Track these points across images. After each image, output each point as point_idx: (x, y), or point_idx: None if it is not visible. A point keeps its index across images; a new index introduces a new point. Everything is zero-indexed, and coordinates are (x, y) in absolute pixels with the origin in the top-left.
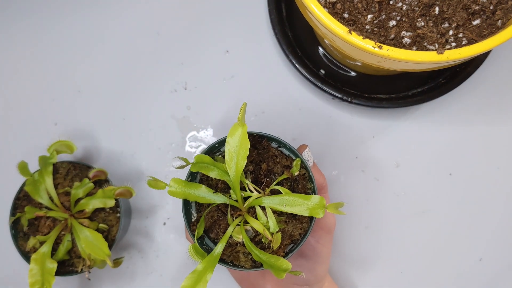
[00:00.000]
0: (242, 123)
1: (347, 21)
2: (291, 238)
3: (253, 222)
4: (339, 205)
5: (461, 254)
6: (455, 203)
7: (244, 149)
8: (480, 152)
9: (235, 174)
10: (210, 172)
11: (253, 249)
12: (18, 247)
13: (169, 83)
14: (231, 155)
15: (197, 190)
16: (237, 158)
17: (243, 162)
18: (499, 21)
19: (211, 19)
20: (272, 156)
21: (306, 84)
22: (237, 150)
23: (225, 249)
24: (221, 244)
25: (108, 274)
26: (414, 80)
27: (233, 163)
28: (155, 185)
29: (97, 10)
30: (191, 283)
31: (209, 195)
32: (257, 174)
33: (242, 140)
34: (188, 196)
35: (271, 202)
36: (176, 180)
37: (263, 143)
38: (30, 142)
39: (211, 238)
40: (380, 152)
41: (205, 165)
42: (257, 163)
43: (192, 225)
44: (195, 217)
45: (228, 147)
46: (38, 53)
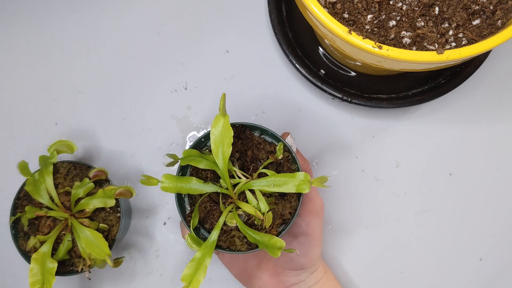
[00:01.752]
0: (223, 113)
1: (347, 21)
2: (282, 218)
3: (244, 206)
4: (323, 179)
5: (461, 254)
6: (455, 203)
7: (228, 137)
8: (480, 152)
9: (223, 162)
10: (199, 163)
11: (247, 231)
12: (19, 246)
13: (169, 83)
14: (216, 145)
15: (188, 183)
16: (223, 146)
17: (229, 149)
18: (499, 21)
19: (211, 19)
20: (256, 144)
21: (306, 84)
22: (222, 139)
23: (221, 236)
24: (215, 231)
25: (109, 274)
26: (414, 80)
27: (219, 151)
28: (147, 183)
29: (97, 10)
30: (191, 271)
31: (200, 186)
32: (243, 161)
33: (225, 129)
34: (181, 190)
35: (259, 184)
36: (167, 175)
37: (246, 133)
38: (31, 142)
39: (207, 228)
40: (380, 152)
41: (193, 157)
42: (243, 152)
43: (187, 217)
44: (189, 210)
45: (212, 137)
46: (38, 53)
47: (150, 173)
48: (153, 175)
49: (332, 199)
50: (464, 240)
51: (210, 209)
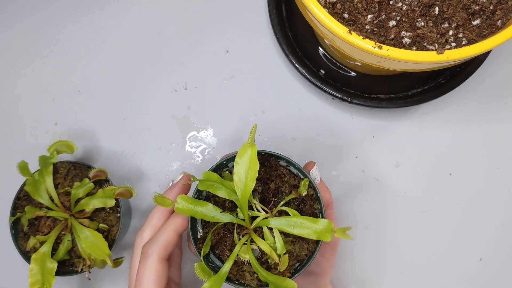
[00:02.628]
0: (252, 144)
1: (347, 21)
2: (297, 258)
3: (260, 243)
4: (346, 229)
5: (461, 254)
6: (455, 203)
7: (253, 170)
8: (480, 152)
9: (243, 195)
10: (218, 191)
11: (259, 270)
12: (18, 247)
13: (169, 83)
14: (239, 176)
15: (204, 208)
16: (246, 179)
17: (252, 184)
18: (499, 21)
19: (211, 19)
20: (280, 174)
21: (306, 84)
22: (246, 171)
23: (232, 268)
24: (228, 263)
25: (108, 274)
26: (414, 80)
27: (241, 184)
28: (161, 202)
29: (97, 10)
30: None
31: (216, 214)
32: (265, 193)
33: (251, 162)
34: (195, 214)
35: (279, 223)
36: (183, 197)
37: (271, 161)
38: (30, 142)
39: (216, 254)
40: (380, 152)
41: (212, 183)
42: (265, 181)
43: (199, 243)
44: (201, 233)
45: (237, 167)
46: (38, 53)
47: (150, 173)
48: (153, 175)
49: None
50: (464, 240)
51: (223, 236)
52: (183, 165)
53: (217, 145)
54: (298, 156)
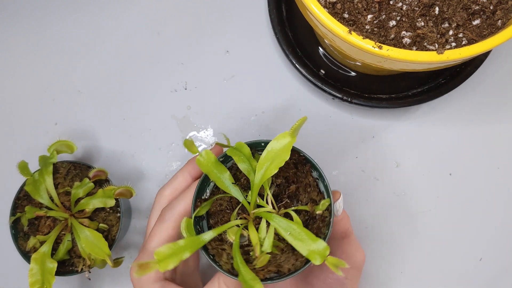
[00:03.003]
0: (293, 134)
1: (347, 21)
2: (278, 268)
3: (251, 231)
4: (341, 263)
5: (461, 254)
6: (455, 203)
7: (281, 159)
8: (480, 152)
9: (261, 179)
10: (241, 163)
11: (237, 256)
12: (18, 247)
13: (169, 83)
14: (266, 158)
15: (222, 174)
16: (270, 164)
17: (274, 170)
18: (499, 21)
19: (211, 19)
20: (306, 183)
21: (306, 84)
22: (274, 157)
23: (214, 240)
24: (212, 232)
25: (108, 274)
26: (414, 80)
27: (264, 166)
28: (189, 146)
29: (97, 10)
30: (167, 252)
31: (228, 183)
32: (282, 191)
33: (283, 150)
34: (210, 173)
35: (278, 223)
36: (208, 152)
37: (306, 168)
38: (30, 142)
39: (210, 223)
40: (380, 152)
41: (239, 153)
42: (289, 181)
43: (198, 201)
44: (206, 196)
45: (267, 149)
46: (38, 53)
47: (150, 173)
48: (153, 175)
49: None
50: (464, 240)
51: (224, 209)
52: (183, 164)
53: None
54: None
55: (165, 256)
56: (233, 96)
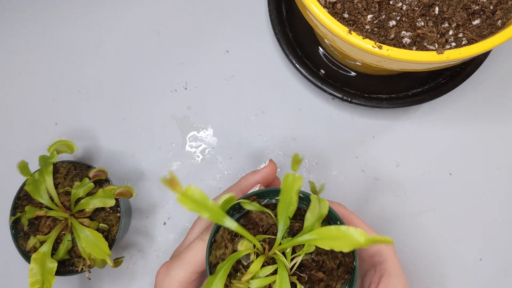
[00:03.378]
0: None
1: (347, 21)
2: None
3: (257, 262)
4: None
5: (461, 254)
6: (455, 203)
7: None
8: (480, 152)
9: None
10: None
11: (226, 263)
12: (18, 246)
13: (169, 83)
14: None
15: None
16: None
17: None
18: (499, 21)
19: (211, 19)
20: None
21: (306, 84)
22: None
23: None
24: (236, 224)
25: (108, 274)
26: (414, 80)
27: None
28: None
29: (97, 10)
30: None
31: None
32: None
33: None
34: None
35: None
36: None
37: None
38: (30, 141)
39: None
40: (380, 152)
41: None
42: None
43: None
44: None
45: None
46: (38, 53)
47: (150, 173)
48: (153, 175)
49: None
50: (464, 240)
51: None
52: (183, 165)
53: (217, 145)
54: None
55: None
56: (233, 96)
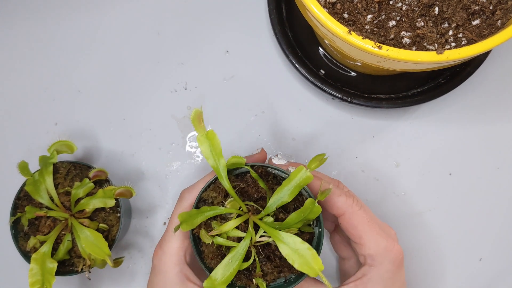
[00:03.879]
0: None
1: (347, 21)
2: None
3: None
4: None
5: (461, 254)
6: (455, 203)
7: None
8: (480, 152)
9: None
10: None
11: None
12: (19, 247)
13: (169, 83)
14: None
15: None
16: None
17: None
18: (499, 21)
19: (211, 19)
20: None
21: (306, 84)
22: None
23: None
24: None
25: (109, 274)
26: (414, 80)
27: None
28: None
29: (97, 10)
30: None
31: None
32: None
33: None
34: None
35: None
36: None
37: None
38: (30, 142)
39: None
40: (380, 152)
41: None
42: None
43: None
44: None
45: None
46: (38, 53)
47: (150, 173)
48: (153, 175)
49: None
50: (464, 240)
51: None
52: (183, 165)
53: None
54: (298, 156)
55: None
56: (233, 96)
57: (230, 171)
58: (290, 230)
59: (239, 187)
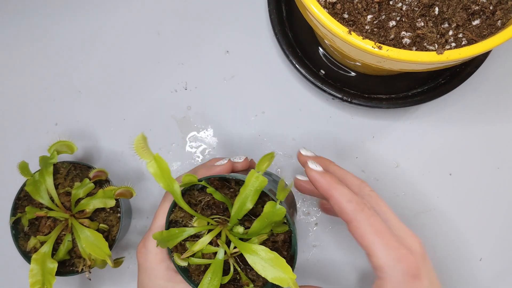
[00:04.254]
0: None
1: (347, 22)
2: None
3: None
4: None
5: (461, 254)
6: (455, 203)
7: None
8: (480, 152)
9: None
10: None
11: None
12: (19, 247)
13: (169, 83)
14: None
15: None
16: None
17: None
18: (499, 21)
19: (211, 19)
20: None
21: (306, 84)
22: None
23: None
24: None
25: (109, 274)
26: (414, 80)
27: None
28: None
29: (97, 10)
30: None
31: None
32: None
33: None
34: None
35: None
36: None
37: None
38: (31, 142)
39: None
40: (380, 152)
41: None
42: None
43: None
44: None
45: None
46: (38, 53)
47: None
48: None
49: None
50: (464, 240)
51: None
52: (183, 165)
53: (217, 145)
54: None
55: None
56: (233, 96)
57: (192, 187)
58: (260, 237)
59: (205, 200)
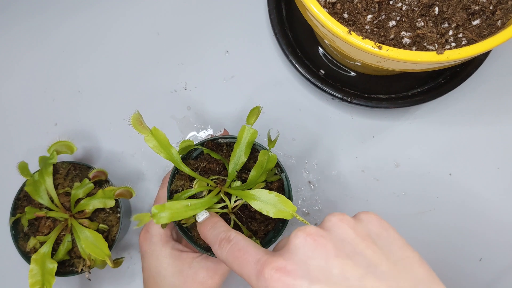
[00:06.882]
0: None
1: (347, 21)
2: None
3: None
4: None
5: (461, 254)
6: (455, 203)
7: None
8: (480, 152)
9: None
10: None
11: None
12: (18, 247)
13: (169, 83)
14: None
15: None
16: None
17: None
18: (499, 21)
19: (211, 20)
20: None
21: (306, 84)
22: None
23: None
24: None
25: (108, 274)
26: (414, 80)
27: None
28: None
29: (97, 10)
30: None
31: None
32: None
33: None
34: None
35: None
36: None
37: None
38: (30, 142)
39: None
40: (380, 152)
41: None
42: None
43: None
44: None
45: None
46: (38, 53)
47: (149, 173)
48: (153, 175)
49: (332, 199)
50: (464, 240)
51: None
52: None
53: None
54: (298, 156)
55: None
56: (233, 96)
57: (187, 156)
58: (258, 186)
59: (200, 167)
